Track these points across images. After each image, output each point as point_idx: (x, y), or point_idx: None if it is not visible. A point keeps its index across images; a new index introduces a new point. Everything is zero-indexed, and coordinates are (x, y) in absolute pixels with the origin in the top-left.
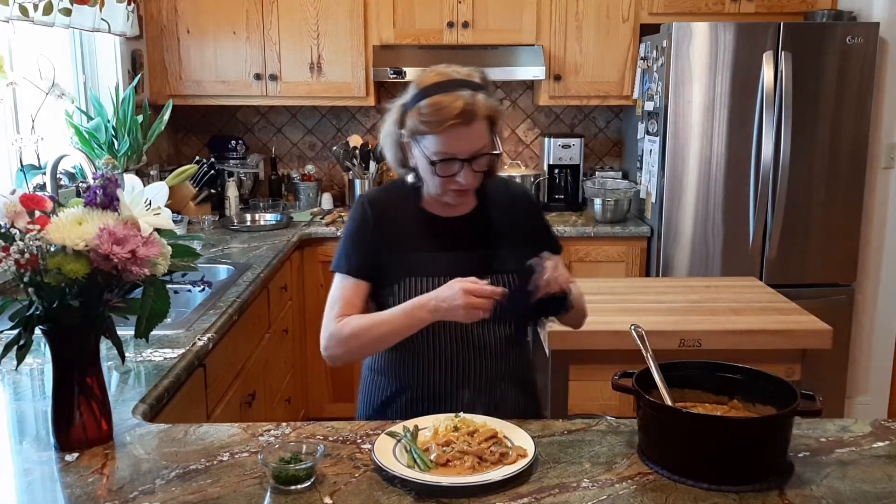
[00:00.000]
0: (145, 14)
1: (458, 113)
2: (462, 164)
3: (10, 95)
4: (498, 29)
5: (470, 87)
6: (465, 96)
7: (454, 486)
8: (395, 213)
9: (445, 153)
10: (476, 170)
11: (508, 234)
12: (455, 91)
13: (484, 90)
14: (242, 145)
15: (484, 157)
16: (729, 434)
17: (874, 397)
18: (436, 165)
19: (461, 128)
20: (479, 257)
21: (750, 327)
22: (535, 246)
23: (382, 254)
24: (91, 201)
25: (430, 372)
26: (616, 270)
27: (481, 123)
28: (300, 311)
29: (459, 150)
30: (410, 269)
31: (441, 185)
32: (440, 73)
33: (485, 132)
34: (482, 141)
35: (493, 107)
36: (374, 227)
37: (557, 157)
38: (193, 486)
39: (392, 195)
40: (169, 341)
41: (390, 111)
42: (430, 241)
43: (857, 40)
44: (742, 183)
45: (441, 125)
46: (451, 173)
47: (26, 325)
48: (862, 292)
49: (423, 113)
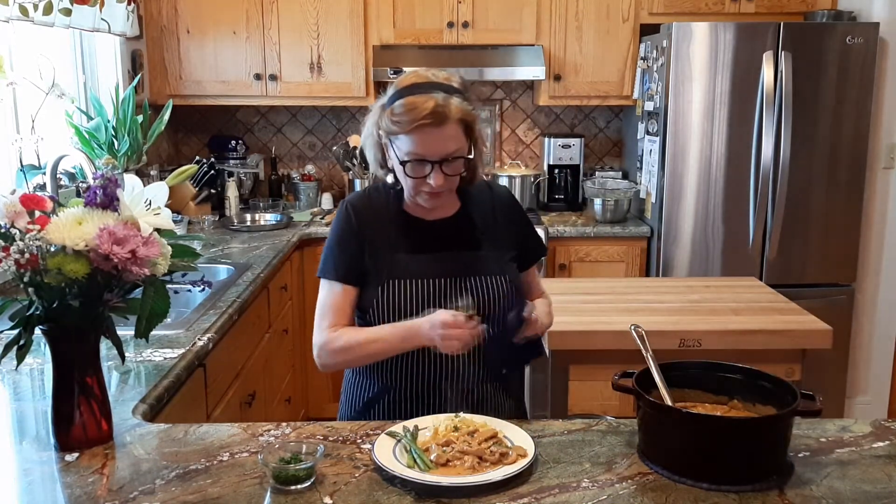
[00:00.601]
0: (145, 14)
1: (429, 113)
2: (432, 166)
3: (10, 95)
4: (498, 29)
5: (445, 90)
6: (437, 98)
7: (454, 486)
8: (378, 216)
9: (415, 153)
10: (448, 173)
11: (491, 236)
12: (429, 92)
13: (460, 94)
14: (242, 145)
15: (456, 161)
16: (729, 434)
17: (874, 397)
18: (405, 166)
19: (431, 128)
20: (461, 259)
21: (750, 327)
22: (518, 248)
23: (366, 257)
24: (91, 201)
25: (413, 372)
26: (616, 270)
27: (454, 126)
28: (300, 311)
29: (429, 151)
30: (392, 271)
31: (413, 187)
32: (418, 75)
33: (458, 135)
34: (455, 144)
35: (467, 110)
36: (357, 231)
37: (557, 157)
38: (193, 486)
39: (375, 198)
40: (169, 341)
41: (371, 111)
42: (411, 243)
43: (857, 40)
44: (742, 183)
45: (411, 125)
46: (422, 175)
47: (26, 325)
48: (862, 292)
49: (395, 112)
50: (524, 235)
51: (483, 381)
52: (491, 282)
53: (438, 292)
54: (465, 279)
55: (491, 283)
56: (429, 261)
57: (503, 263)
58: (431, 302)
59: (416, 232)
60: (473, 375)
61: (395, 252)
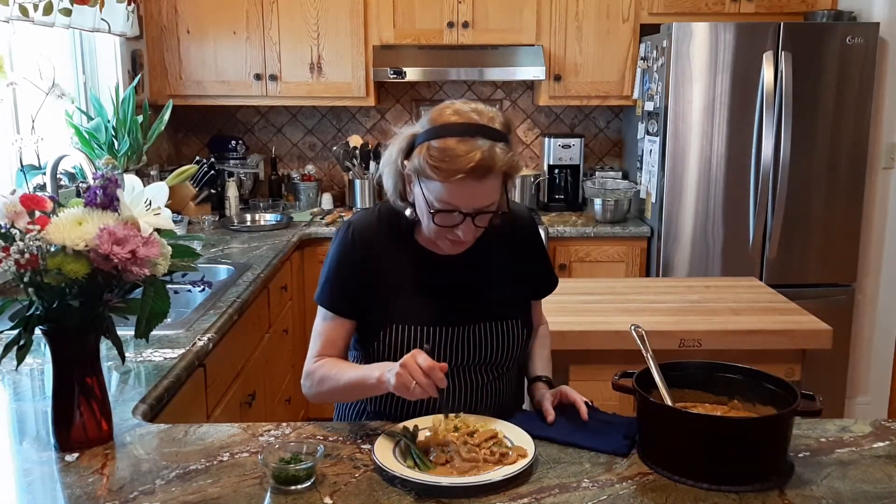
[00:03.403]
0: (145, 14)
1: (473, 167)
2: (464, 218)
3: (10, 95)
4: (498, 29)
5: (489, 136)
6: (483, 148)
7: (454, 486)
8: (386, 246)
9: (449, 204)
10: (478, 225)
11: (506, 272)
12: (473, 139)
13: (505, 140)
14: (242, 145)
15: (489, 213)
16: (729, 434)
17: (874, 397)
18: (434, 215)
19: (472, 182)
20: (471, 302)
21: (750, 327)
22: (532, 282)
23: (367, 293)
24: (91, 201)
25: (403, 401)
26: (616, 270)
27: (495, 180)
28: (300, 311)
29: (464, 203)
30: (396, 314)
31: (437, 233)
32: (458, 112)
33: (496, 188)
34: (491, 198)
35: (513, 162)
36: (360, 263)
37: (557, 157)
38: (193, 487)
39: (384, 223)
40: (169, 341)
41: (397, 138)
42: (419, 280)
43: (857, 40)
44: (742, 183)
45: (450, 175)
46: (450, 224)
47: (26, 325)
48: (862, 292)
49: (433, 156)
50: (540, 270)
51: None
52: (502, 327)
53: (443, 340)
54: (472, 327)
55: (502, 329)
56: (436, 304)
57: (516, 304)
58: (434, 350)
59: (427, 268)
60: (470, 402)
61: (400, 290)
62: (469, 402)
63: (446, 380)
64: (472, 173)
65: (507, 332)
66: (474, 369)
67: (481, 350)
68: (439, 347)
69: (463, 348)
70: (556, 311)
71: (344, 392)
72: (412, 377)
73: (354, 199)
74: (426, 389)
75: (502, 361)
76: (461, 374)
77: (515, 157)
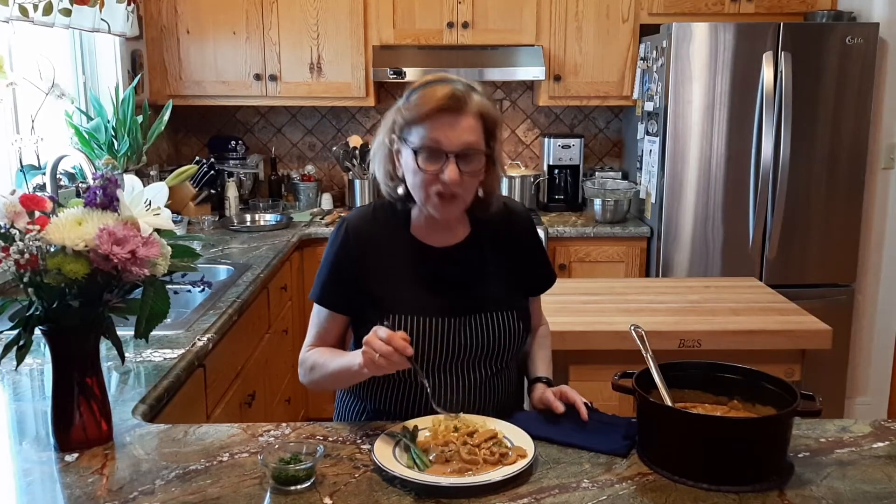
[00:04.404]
0: (145, 14)
1: (447, 96)
2: (447, 158)
3: (10, 95)
4: (498, 29)
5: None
6: (456, 86)
7: (454, 486)
8: (380, 241)
9: (430, 139)
10: (463, 169)
11: (501, 265)
12: (451, 83)
13: (480, 94)
14: (242, 145)
15: (474, 159)
16: (729, 434)
17: (874, 397)
18: (418, 157)
19: (448, 115)
20: (467, 294)
21: (750, 327)
22: (528, 276)
23: (364, 288)
24: (91, 201)
25: (403, 398)
26: (616, 270)
27: (472, 118)
28: (300, 311)
29: (445, 137)
30: (392, 306)
31: (424, 185)
32: (436, 75)
33: (476, 129)
34: (472, 136)
35: (488, 106)
36: (356, 258)
37: (557, 158)
38: (193, 487)
39: (379, 219)
40: (169, 341)
41: (385, 119)
42: (415, 273)
43: (857, 40)
44: (742, 183)
45: (428, 111)
46: (436, 166)
47: (26, 325)
48: (862, 292)
49: (410, 101)
50: (536, 264)
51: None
52: (498, 319)
53: (440, 331)
54: (468, 317)
55: (498, 321)
56: (432, 296)
57: (512, 296)
58: (432, 341)
59: (422, 261)
60: (469, 403)
61: (397, 283)
62: (468, 399)
63: (411, 347)
64: (448, 103)
65: (503, 324)
66: (472, 364)
67: (478, 341)
68: (436, 338)
69: (459, 339)
70: (556, 311)
71: (332, 379)
72: (374, 350)
73: (354, 199)
74: (389, 357)
75: (500, 355)
76: (460, 369)
77: (491, 105)
